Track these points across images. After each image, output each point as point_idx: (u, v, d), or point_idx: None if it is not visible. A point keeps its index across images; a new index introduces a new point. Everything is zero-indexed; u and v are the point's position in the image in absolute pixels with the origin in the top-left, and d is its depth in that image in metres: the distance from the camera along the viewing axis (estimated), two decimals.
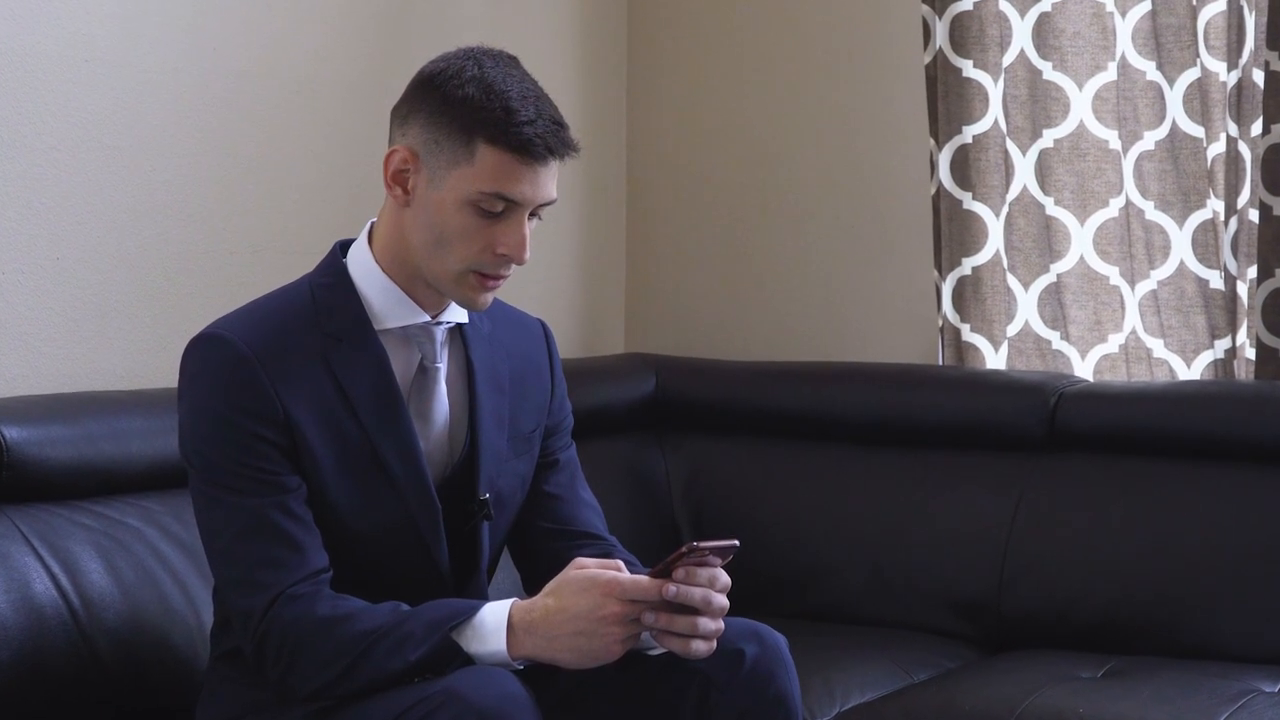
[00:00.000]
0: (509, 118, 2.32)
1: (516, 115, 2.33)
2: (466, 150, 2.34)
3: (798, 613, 3.58)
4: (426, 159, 2.37)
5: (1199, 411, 3.46)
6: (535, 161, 2.34)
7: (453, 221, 2.36)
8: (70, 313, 3.03)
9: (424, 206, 2.37)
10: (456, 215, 2.35)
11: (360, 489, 2.39)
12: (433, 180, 2.36)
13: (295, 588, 2.31)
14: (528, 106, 2.34)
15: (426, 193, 2.37)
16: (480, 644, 2.28)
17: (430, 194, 2.36)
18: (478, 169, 2.33)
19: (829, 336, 4.07)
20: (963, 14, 3.78)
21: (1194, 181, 3.67)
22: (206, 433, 2.34)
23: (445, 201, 2.35)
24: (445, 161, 2.35)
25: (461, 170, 2.34)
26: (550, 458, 2.60)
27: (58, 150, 3.00)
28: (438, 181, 2.36)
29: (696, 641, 2.28)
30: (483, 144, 2.33)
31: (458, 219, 2.35)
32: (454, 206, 2.35)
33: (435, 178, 2.36)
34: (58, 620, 2.61)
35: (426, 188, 2.37)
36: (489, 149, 2.33)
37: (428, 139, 2.36)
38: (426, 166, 2.37)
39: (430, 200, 2.37)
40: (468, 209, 2.35)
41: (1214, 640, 3.31)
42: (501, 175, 2.33)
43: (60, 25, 3.00)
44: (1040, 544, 3.48)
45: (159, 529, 2.80)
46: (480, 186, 2.33)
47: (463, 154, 2.34)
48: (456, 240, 2.36)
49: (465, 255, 2.36)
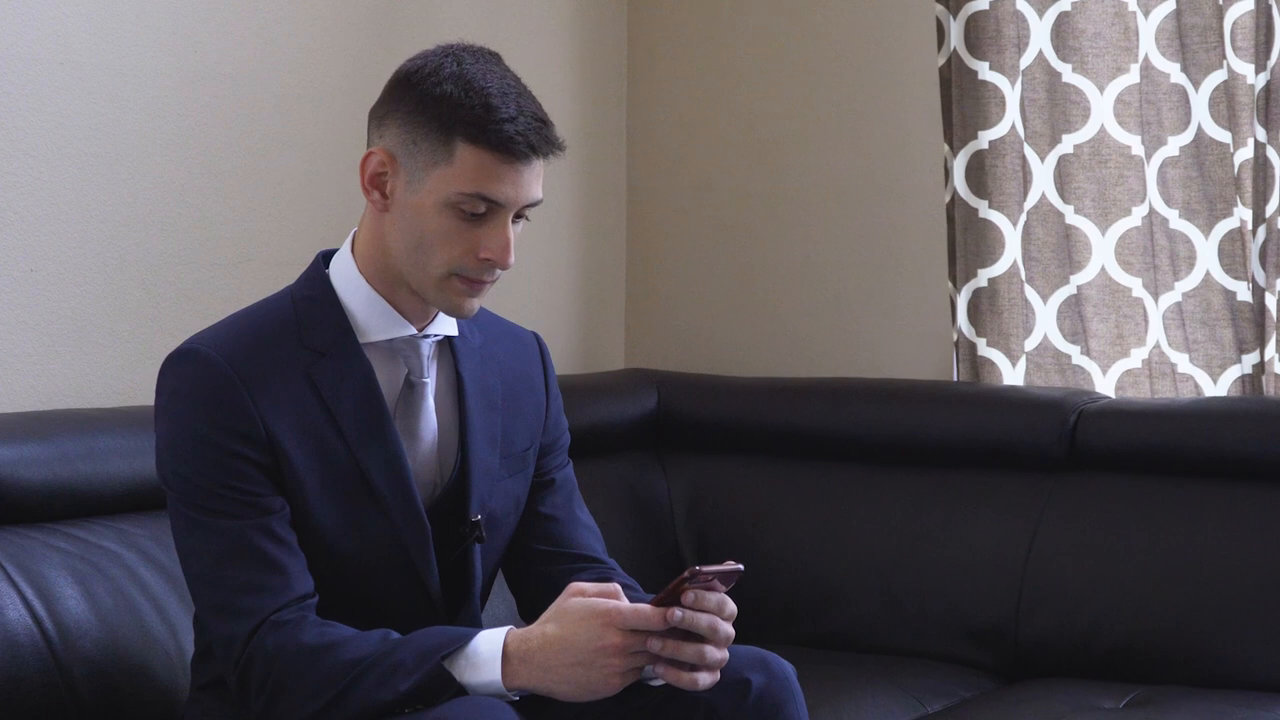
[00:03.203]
0: (488, 115, 2.32)
1: (497, 112, 2.32)
2: (445, 150, 2.33)
3: (806, 640, 3.58)
4: (404, 161, 2.36)
5: (1226, 429, 3.46)
6: (517, 160, 2.34)
7: (433, 224, 2.35)
8: (46, 327, 3.03)
9: (403, 210, 2.37)
10: (436, 218, 2.35)
11: (346, 509, 2.39)
12: (411, 182, 2.36)
13: (279, 614, 2.30)
14: (508, 103, 2.34)
15: (405, 196, 2.37)
16: (474, 673, 2.27)
17: (409, 197, 2.36)
18: (457, 169, 2.33)
19: (838, 351, 4.08)
20: (978, 14, 3.78)
21: (1220, 189, 3.67)
22: (185, 453, 2.34)
23: (425, 204, 2.35)
24: (424, 162, 2.35)
25: (440, 171, 2.34)
26: (545, 477, 2.60)
27: (31, 157, 3.00)
28: (416, 184, 2.36)
29: (701, 673, 2.27)
30: (462, 143, 2.33)
31: (438, 222, 2.35)
32: (434, 209, 2.35)
33: (414, 180, 2.36)
34: (32, 648, 2.61)
35: (405, 190, 2.37)
36: (468, 148, 2.33)
37: (405, 139, 2.36)
38: (404, 168, 2.36)
39: (409, 203, 2.36)
40: (448, 211, 2.35)
41: (1241, 669, 3.31)
42: (482, 175, 2.33)
43: (34, 25, 3.00)
44: (1059, 568, 3.48)
45: (138, 553, 2.80)
46: (460, 187, 2.33)
47: (441, 154, 2.34)
48: (437, 244, 2.35)
49: (447, 259, 2.36)
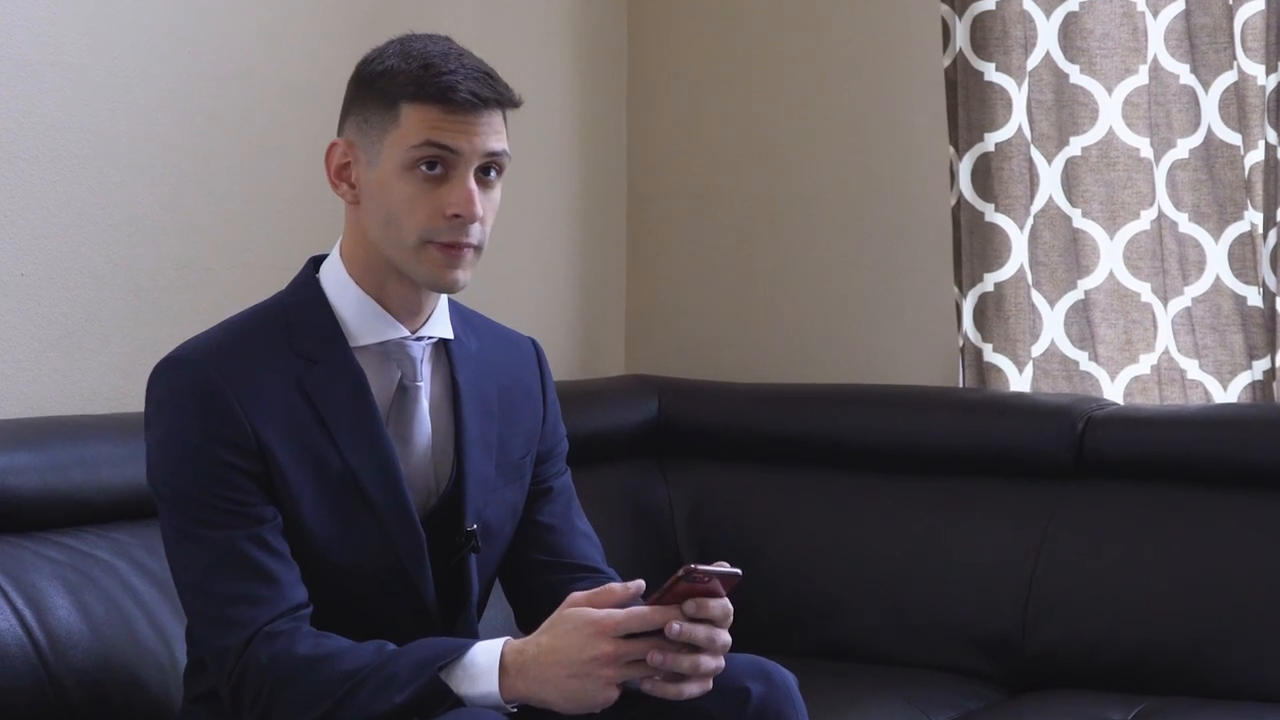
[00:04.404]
0: (427, 72, 2.35)
1: (435, 69, 2.36)
2: (392, 115, 2.36)
3: (808, 650, 3.58)
4: (361, 142, 2.39)
5: (1236, 437, 3.46)
6: (461, 109, 2.35)
7: (396, 192, 2.37)
8: (37, 332, 3.03)
9: (369, 191, 2.39)
10: (398, 184, 2.36)
11: (339, 518, 2.39)
12: (371, 161, 2.38)
13: (273, 625, 2.30)
14: (449, 61, 2.37)
15: (368, 175, 2.39)
16: (471, 685, 2.27)
17: (372, 175, 2.39)
18: (404, 129, 2.36)
19: (842, 357, 4.07)
20: (984, 14, 3.78)
21: (1230, 192, 3.67)
22: (175, 462, 2.34)
23: (385, 176, 2.37)
24: (376, 136, 2.38)
25: (391, 136, 2.36)
26: (543, 485, 2.60)
27: (21, 159, 3.00)
28: (374, 159, 2.38)
29: (690, 685, 2.26)
30: (405, 104, 2.36)
31: (400, 188, 2.36)
32: (394, 176, 2.37)
33: (373, 158, 2.38)
34: (22, 659, 2.60)
35: (367, 170, 2.39)
36: (411, 106, 2.36)
37: (358, 121, 2.40)
38: (363, 150, 2.39)
39: (373, 182, 2.39)
40: (407, 175, 2.36)
41: (1252, 680, 3.31)
42: (428, 126, 2.35)
43: (24, 26, 3.00)
44: (1067, 577, 3.48)
45: (130, 562, 2.80)
46: (410, 142, 2.35)
47: (389, 121, 2.36)
48: (403, 211, 2.37)
49: (415, 225, 2.36)
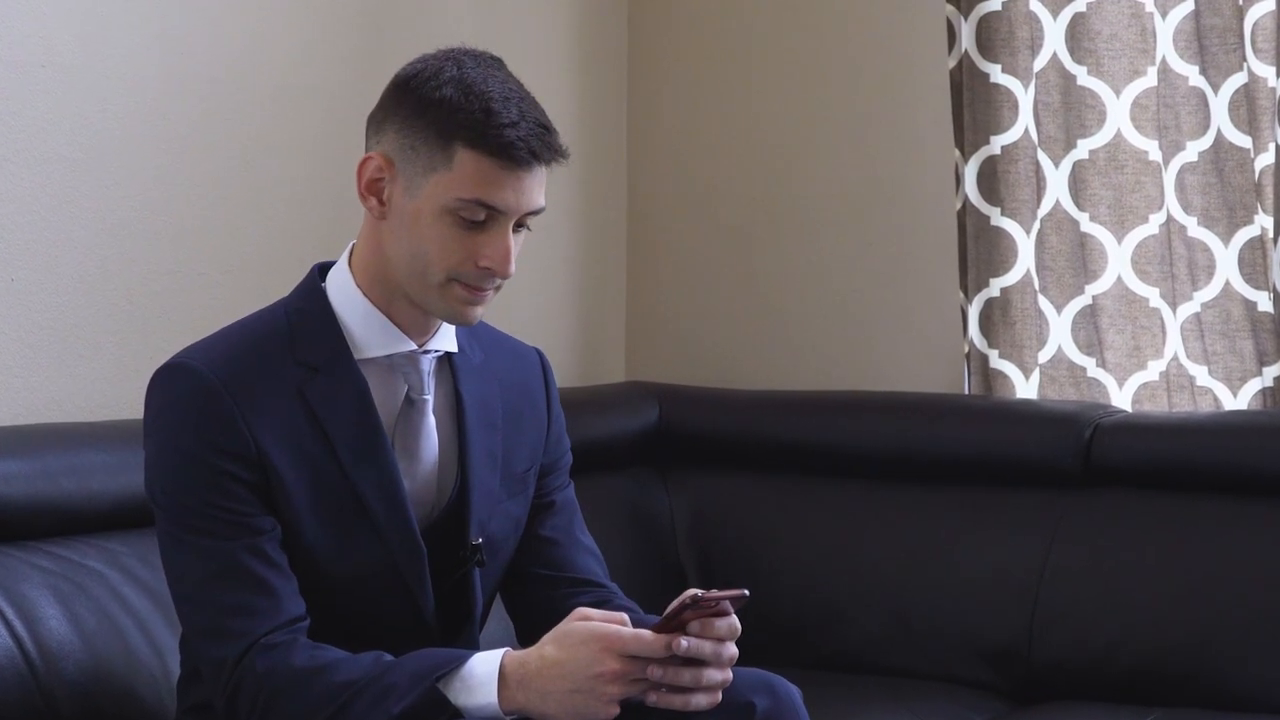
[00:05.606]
0: (489, 120, 2.32)
1: (498, 117, 2.32)
2: (444, 154, 2.33)
3: (812, 662, 3.58)
4: (402, 166, 2.36)
5: (1246, 444, 3.47)
6: (518, 167, 2.33)
7: (430, 231, 2.35)
8: (27, 338, 3.02)
9: (401, 217, 2.37)
10: (435, 224, 2.35)
11: (338, 531, 2.38)
12: (409, 188, 2.36)
13: (269, 636, 2.30)
14: (510, 108, 2.33)
15: (403, 202, 2.36)
16: (469, 696, 2.27)
17: (407, 203, 2.36)
18: (456, 174, 2.33)
19: (845, 364, 4.07)
20: (990, 15, 3.78)
21: (1240, 195, 3.67)
22: (173, 471, 2.34)
23: (422, 210, 2.35)
24: (422, 167, 2.35)
25: (439, 176, 2.34)
26: (546, 499, 2.60)
27: (11, 163, 2.99)
28: (414, 189, 2.35)
29: (698, 695, 2.27)
30: (461, 148, 2.33)
31: (436, 228, 2.35)
32: (432, 215, 2.35)
33: (412, 185, 2.36)
34: (13, 671, 2.60)
35: (403, 196, 2.36)
36: (468, 153, 2.33)
37: (403, 144, 2.36)
38: (402, 174, 2.36)
39: (407, 210, 2.36)
40: (447, 218, 2.34)
41: (1262, 690, 3.31)
42: (482, 181, 2.33)
43: (14, 27, 2.99)
44: (1074, 587, 3.48)
45: (123, 572, 2.79)
46: (459, 193, 2.33)
47: (440, 159, 2.34)
48: (435, 251, 2.35)
49: (445, 266, 2.35)
